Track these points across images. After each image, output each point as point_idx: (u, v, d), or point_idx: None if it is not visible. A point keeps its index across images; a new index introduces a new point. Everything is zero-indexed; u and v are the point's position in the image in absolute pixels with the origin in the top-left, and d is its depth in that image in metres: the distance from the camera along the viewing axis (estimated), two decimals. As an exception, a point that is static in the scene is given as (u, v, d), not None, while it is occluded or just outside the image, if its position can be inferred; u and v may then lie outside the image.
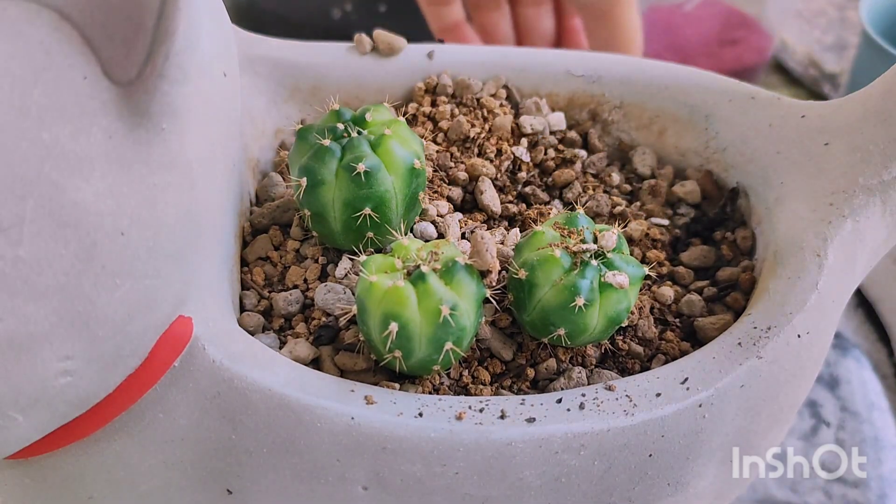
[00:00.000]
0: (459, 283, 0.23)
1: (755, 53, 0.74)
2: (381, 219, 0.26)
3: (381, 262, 0.24)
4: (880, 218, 0.29)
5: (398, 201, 0.26)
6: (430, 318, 0.23)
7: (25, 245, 0.18)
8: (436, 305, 0.23)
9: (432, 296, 0.23)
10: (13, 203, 0.17)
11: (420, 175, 0.27)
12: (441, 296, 0.23)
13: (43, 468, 0.24)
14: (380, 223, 0.26)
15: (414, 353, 0.23)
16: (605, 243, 0.24)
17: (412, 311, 0.23)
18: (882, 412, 0.44)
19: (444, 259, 0.24)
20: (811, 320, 0.26)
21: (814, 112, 0.31)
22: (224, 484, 0.24)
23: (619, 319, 0.25)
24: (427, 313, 0.23)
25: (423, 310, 0.23)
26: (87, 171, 0.19)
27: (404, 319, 0.22)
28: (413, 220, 0.28)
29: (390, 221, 0.27)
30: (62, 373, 0.20)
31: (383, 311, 0.23)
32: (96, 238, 0.19)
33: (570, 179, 0.33)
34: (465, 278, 0.24)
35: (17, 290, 0.18)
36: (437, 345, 0.23)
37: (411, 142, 0.27)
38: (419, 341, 0.23)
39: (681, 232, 0.32)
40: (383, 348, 0.23)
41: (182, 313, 0.23)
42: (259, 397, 0.23)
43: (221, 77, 0.23)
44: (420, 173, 0.27)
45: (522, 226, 0.31)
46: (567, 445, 0.23)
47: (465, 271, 0.24)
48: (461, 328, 0.23)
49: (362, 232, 0.27)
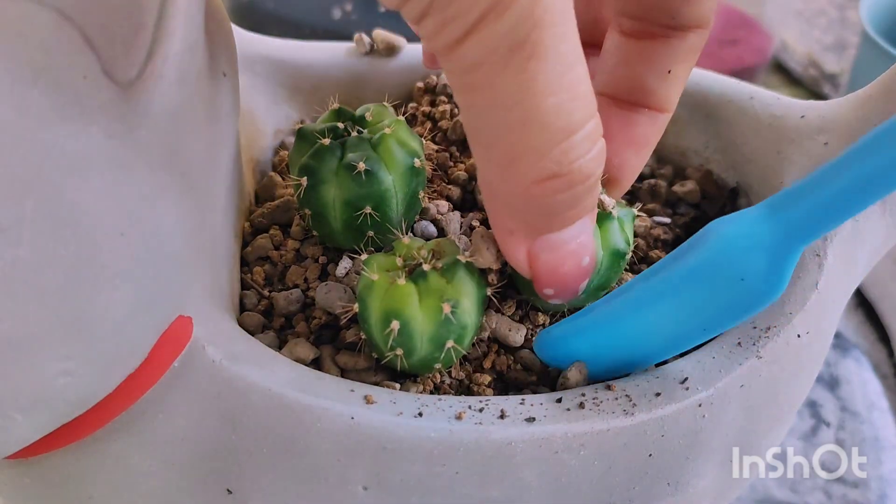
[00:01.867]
0: (461, 281, 0.23)
1: (755, 53, 0.74)
2: (381, 217, 0.26)
3: (382, 261, 0.24)
4: (880, 218, 0.29)
5: (398, 200, 0.26)
6: (432, 315, 0.23)
7: (25, 245, 0.18)
8: (437, 303, 0.23)
9: (433, 293, 0.23)
10: (12, 203, 0.17)
11: (420, 174, 0.27)
12: (442, 293, 0.23)
13: (43, 468, 0.24)
14: (380, 222, 0.26)
15: (415, 352, 0.23)
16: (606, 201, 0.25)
17: (413, 309, 0.23)
18: (882, 412, 0.44)
19: (445, 257, 0.24)
20: (811, 320, 0.26)
21: (813, 112, 0.31)
22: (224, 484, 0.24)
23: (622, 252, 0.25)
24: (428, 311, 0.23)
25: (424, 308, 0.23)
26: (86, 171, 0.19)
27: (406, 317, 0.23)
28: (413, 218, 0.28)
29: (391, 220, 0.27)
30: (62, 373, 0.20)
31: (384, 308, 0.23)
32: (96, 238, 0.19)
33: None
34: (466, 276, 0.24)
35: (16, 291, 0.18)
36: (439, 343, 0.23)
37: (411, 141, 0.27)
38: (420, 339, 0.23)
39: (681, 232, 0.32)
40: (384, 346, 0.23)
41: (182, 314, 0.23)
42: (259, 398, 0.23)
43: (221, 77, 0.23)
44: (420, 172, 0.27)
45: None
46: (567, 445, 0.23)
47: (465, 269, 0.24)
48: (463, 326, 0.23)
49: (363, 231, 0.27)
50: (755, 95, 0.33)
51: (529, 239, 0.22)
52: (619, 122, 0.27)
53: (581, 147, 0.20)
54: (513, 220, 0.22)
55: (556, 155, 0.20)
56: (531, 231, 0.22)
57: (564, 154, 0.20)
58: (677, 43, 0.26)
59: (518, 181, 0.20)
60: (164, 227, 0.21)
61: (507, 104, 0.19)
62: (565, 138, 0.20)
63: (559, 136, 0.20)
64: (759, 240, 0.21)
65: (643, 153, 0.28)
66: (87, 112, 0.18)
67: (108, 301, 0.20)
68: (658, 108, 0.27)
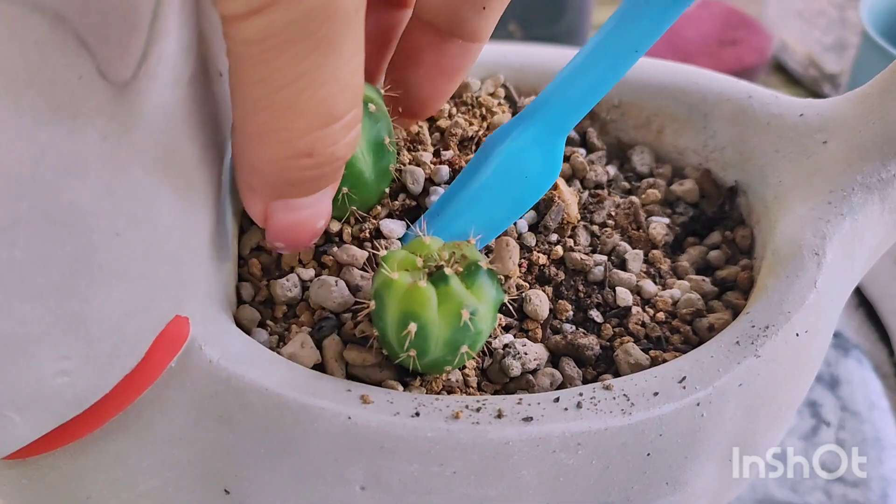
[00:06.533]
0: (480, 288, 0.23)
1: (755, 53, 0.74)
2: (351, 170, 0.26)
3: (402, 259, 0.24)
4: (879, 216, 0.29)
5: (363, 149, 0.27)
6: (450, 320, 0.23)
7: (21, 246, 0.18)
8: (457, 309, 0.22)
9: (453, 299, 0.23)
10: (8, 204, 0.17)
11: (379, 119, 0.27)
12: (462, 299, 0.23)
13: (41, 468, 0.24)
14: (349, 174, 0.26)
15: (429, 354, 0.23)
16: None
17: (432, 313, 0.22)
18: (882, 412, 0.44)
19: (466, 261, 0.24)
20: (810, 319, 0.26)
21: (812, 110, 0.31)
22: (222, 484, 0.24)
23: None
24: (447, 316, 0.23)
25: (443, 312, 0.23)
26: (82, 171, 0.19)
27: (424, 320, 0.22)
28: (388, 164, 0.28)
29: (363, 172, 0.27)
30: (59, 373, 0.20)
31: (403, 309, 0.22)
32: (92, 239, 0.19)
33: (566, 174, 0.33)
34: (487, 283, 0.23)
35: (12, 291, 0.18)
36: (453, 347, 0.23)
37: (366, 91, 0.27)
38: (436, 342, 0.23)
39: (680, 231, 0.32)
40: (399, 347, 0.23)
41: (179, 313, 0.23)
42: (256, 397, 0.23)
43: (217, 77, 0.23)
44: (378, 117, 0.27)
45: None
46: (564, 445, 0.23)
47: (487, 276, 0.23)
48: (478, 332, 0.23)
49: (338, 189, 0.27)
50: (753, 94, 0.33)
51: (269, 199, 0.23)
52: (432, 50, 0.28)
53: (338, 135, 0.21)
54: (255, 180, 0.22)
55: (312, 140, 0.20)
56: (272, 193, 0.22)
57: (320, 140, 0.20)
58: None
59: (269, 153, 0.21)
60: (160, 227, 0.21)
61: (277, 85, 0.19)
62: (325, 126, 0.20)
63: (320, 123, 0.20)
64: (529, 146, 0.27)
65: (454, 80, 0.29)
66: (82, 113, 0.18)
67: (104, 301, 0.20)
68: (471, 39, 0.28)
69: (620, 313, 0.28)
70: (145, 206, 0.20)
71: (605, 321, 0.28)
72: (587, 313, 0.28)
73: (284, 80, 0.19)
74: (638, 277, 0.29)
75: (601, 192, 0.32)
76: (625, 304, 0.28)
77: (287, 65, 0.18)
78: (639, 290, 0.29)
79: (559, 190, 0.30)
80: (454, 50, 0.28)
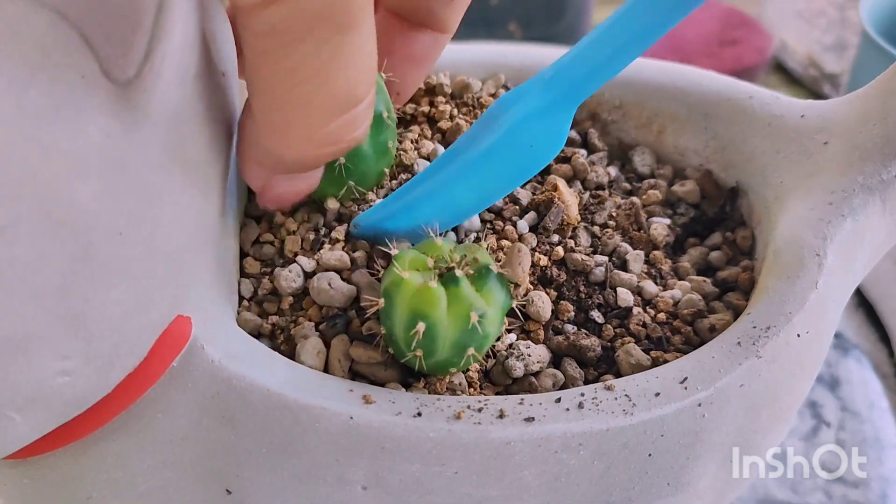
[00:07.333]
0: (490, 291, 0.23)
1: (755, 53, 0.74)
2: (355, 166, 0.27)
3: (413, 258, 0.24)
4: (880, 217, 0.29)
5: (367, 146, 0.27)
6: (459, 322, 0.23)
7: (21, 245, 0.18)
8: (466, 311, 0.23)
9: (463, 301, 0.23)
10: (9, 203, 0.17)
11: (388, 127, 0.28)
12: (472, 302, 0.23)
13: (42, 468, 0.24)
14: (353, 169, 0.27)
15: (435, 354, 0.23)
16: None
17: (441, 314, 0.23)
18: (882, 412, 0.44)
19: (477, 264, 0.24)
20: (811, 320, 0.26)
21: (813, 111, 0.31)
22: (223, 484, 0.24)
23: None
24: (456, 317, 0.23)
25: (452, 313, 0.23)
26: (83, 170, 0.19)
27: (432, 320, 0.22)
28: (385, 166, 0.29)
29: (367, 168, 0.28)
30: (60, 372, 0.20)
31: (412, 309, 0.23)
32: (93, 238, 0.19)
33: (566, 175, 0.33)
34: (496, 287, 0.24)
35: (13, 290, 0.18)
36: (460, 349, 0.23)
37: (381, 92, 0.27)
38: (443, 344, 0.23)
39: (681, 232, 0.32)
40: (406, 346, 0.23)
41: (180, 313, 0.23)
42: (257, 397, 0.23)
43: (220, 76, 0.23)
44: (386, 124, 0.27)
45: None
46: (566, 445, 0.23)
47: (497, 280, 0.24)
48: (486, 335, 0.23)
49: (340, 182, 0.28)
50: (754, 95, 0.33)
51: (274, 173, 0.23)
52: (402, 39, 0.28)
53: (358, 119, 0.21)
54: (267, 160, 0.23)
55: (335, 128, 0.20)
56: (282, 170, 0.23)
57: (342, 127, 0.20)
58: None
59: (290, 144, 0.21)
60: (162, 226, 0.21)
61: (300, 78, 0.19)
62: (347, 111, 0.20)
63: (343, 109, 0.20)
64: (539, 113, 0.26)
65: (424, 69, 0.30)
66: (84, 111, 0.18)
67: (106, 300, 0.20)
68: (440, 29, 0.28)
69: (621, 314, 0.28)
70: (147, 205, 0.20)
71: (606, 322, 0.28)
72: (588, 314, 0.28)
73: (306, 72, 0.18)
74: (639, 278, 0.29)
75: (602, 193, 0.32)
76: (626, 305, 0.28)
77: (310, 54, 0.18)
78: (640, 290, 0.29)
79: (559, 191, 0.30)
80: (423, 39, 0.28)
